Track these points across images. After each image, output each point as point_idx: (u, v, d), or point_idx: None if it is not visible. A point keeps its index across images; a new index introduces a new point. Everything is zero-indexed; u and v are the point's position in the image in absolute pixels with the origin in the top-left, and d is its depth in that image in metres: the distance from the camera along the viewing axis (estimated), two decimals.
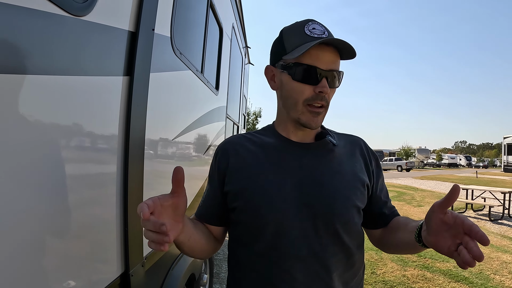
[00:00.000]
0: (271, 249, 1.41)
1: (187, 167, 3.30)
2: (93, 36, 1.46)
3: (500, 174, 43.37)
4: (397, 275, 6.94)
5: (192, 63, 3.07)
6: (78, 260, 1.49)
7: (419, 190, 23.98)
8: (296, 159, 1.47)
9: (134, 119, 1.84)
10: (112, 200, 1.73)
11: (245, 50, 8.55)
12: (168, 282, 2.59)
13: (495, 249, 9.07)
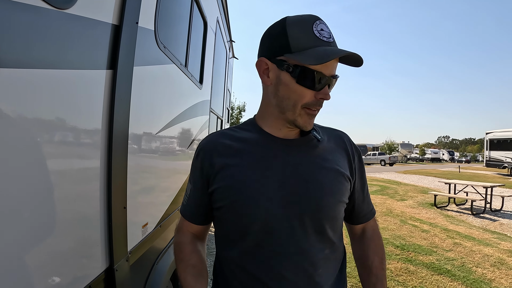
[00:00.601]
0: (258, 247, 1.41)
1: (170, 161, 3.30)
2: (76, 29, 1.44)
3: (482, 169, 43.91)
4: None
5: (176, 56, 3.05)
6: (63, 256, 1.48)
7: (402, 184, 24.32)
8: (280, 155, 1.46)
9: (117, 113, 1.83)
10: (96, 195, 1.71)
11: (230, 44, 8.54)
12: (153, 277, 2.59)
13: (477, 243, 9.22)
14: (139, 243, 2.32)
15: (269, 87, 1.47)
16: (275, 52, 1.39)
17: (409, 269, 7.00)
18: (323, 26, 1.35)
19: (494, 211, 14.80)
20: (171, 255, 3.08)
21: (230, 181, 1.43)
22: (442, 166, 59.78)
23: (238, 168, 1.44)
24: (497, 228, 11.96)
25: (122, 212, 1.97)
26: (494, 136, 37.80)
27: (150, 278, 2.54)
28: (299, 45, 1.32)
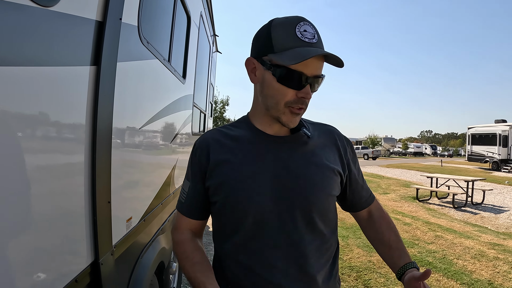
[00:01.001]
0: (252, 240, 1.49)
1: (154, 155, 3.31)
2: (60, 26, 1.45)
3: (464, 163, 44.45)
4: (363, 261, 7.13)
5: (159, 52, 3.06)
6: (48, 251, 1.50)
7: (384, 178, 24.60)
8: (272, 152, 1.54)
9: (101, 108, 1.84)
10: (80, 190, 1.73)
11: (213, 38, 8.53)
12: (138, 270, 2.61)
13: (458, 235, 9.42)
14: (124, 237, 2.34)
15: (257, 86, 1.54)
16: (261, 52, 1.47)
17: None
18: (307, 27, 1.40)
19: (475, 205, 15.08)
20: (155, 249, 3.12)
21: (224, 177, 1.51)
22: (425, 160, 60.34)
23: (231, 164, 1.51)
24: (478, 221, 12.18)
25: (107, 207, 1.99)
26: (476, 131, 38.40)
27: (135, 272, 2.56)
28: (281, 46, 1.39)
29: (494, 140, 35.41)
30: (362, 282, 6.10)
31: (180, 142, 4.61)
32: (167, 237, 3.72)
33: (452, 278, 6.36)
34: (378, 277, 6.29)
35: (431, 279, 6.27)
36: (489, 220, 12.45)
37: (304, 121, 1.68)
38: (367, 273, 6.49)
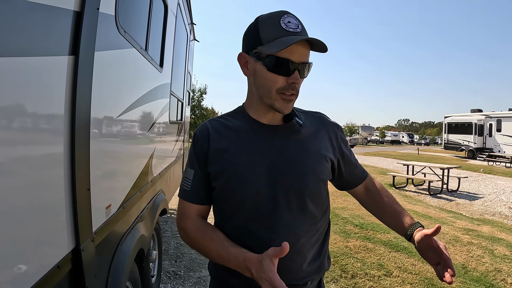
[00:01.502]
0: (249, 222, 1.60)
1: (132, 145, 3.33)
2: (38, 17, 1.48)
3: (441, 151, 45.03)
4: (340, 246, 7.24)
5: (136, 41, 3.07)
6: (30, 238, 1.54)
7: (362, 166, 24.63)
8: (267, 141, 1.64)
9: (79, 97, 1.87)
10: (60, 178, 1.76)
11: (191, 27, 8.49)
12: (118, 257, 2.65)
13: (434, 221, 9.64)
14: (103, 224, 2.37)
15: (250, 78, 1.64)
16: (250, 46, 1.58)
17: (368, 247, 7.25)
18: (291, 19, 1.51)
19: (451, 192, 15.37)
20: (135, 236, 3.15)
21: (223, 165, 1.61)
22: (402, 148, 60.90)
23: (230, 152, 1.62)
24: (453, 208, 12.42)
25: (86, 194, 2.02)
26: (452, 120, 38.96)
27: (115, 259, 2.60)
28: (268, 37, 1.49)
29: (470, 129, 35.99)
30: (339, 267, 6.21)
31: (157, 131, 4.62)
32: (145, 225, 3.74)
33: (427, 263, 6.35)
34: (354, 262, 6.40)
35: (406, 263, 6.44)
36: (464, 207, 12.72)
37: (296, 110, 1.77)
38: (344, 258, 6.60)
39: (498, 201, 13.71)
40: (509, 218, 11.32)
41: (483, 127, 35.23)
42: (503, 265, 6.49)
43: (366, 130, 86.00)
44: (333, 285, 5.55)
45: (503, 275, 6.08)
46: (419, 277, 5.88)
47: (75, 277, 1.94)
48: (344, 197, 12.80)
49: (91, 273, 2.08)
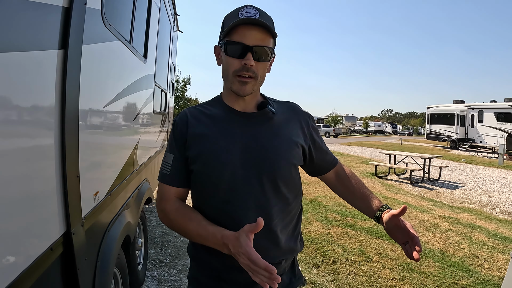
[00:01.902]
0: (225, 203, 1.69)
1: (118, 133, 3.42)
2: (30, 13, 1.57)
3: (424, 142, 45.31)
4: (322, 233, 7.38)
5: (121, 33, 3.14)
6: (25, 222, 1.63)
7: (345, 156, 24.92)
8: (242, 127, 1.74)
9: (69, 89, 1.96)
10: (51, 165, 1.86)
11: (174, 18, 8.51)
12: (106, 242, 2.75)
13: (414, 209, 9.81)
14: (92, 210, 2.47)
15: (221, 68, 1.75)
16: (220, 38, 1.74)
17: (349, 234, 7.40)
18: (249, 9, 1.63)
19: (432, 181, 15.61)
20: (121, 223, 3.25)
21: (201, 149, 1.70)
22: (385, 138, 61.26)
23: (207, 138, 1.71)
24: (434, 196, 12.63)
25: (76, 180, 2.12)
26: (435, 110, 39.31)
27: (103, 244, 2.70)
28: (228, 27, 1.60)
29: (452, 120, 36.39)
30: (320, 253, 6.34)
31: (142, 121, 4.69)
32: (131, 212, 3.84)
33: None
34: (336, 248, 6.55)
35: (386, 249, 6.61)
36: (444, 195, 12.95)
37: (269, 99, 1.90)
38: (325, 244, 6.74)
39: (478, 190, 13.95)
40: (488, 207, 11.56)
41: (465, 118, 35.66)
42: (480, 251, 6.66)
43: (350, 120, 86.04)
44: (315, 270, 5.68)
45: (480, 260, 6.25)
46: (399, 262, 6.04)
47: (67, 260, 2.04)
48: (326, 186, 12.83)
49: (81, 256, 2.18)
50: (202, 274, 1.85)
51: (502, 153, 22.28)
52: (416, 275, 5.59)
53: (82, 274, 2.19)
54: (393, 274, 5.61)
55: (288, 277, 1.94)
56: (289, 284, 1.93)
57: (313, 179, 14.30)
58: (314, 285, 5.16)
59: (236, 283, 1.76)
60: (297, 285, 1.98)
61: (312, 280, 5.30)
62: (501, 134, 31.45)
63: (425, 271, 5.76)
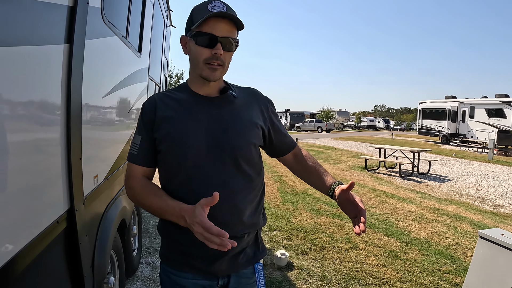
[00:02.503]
0: (190, 180, 1.83)
1: (115, 123, 3.64)
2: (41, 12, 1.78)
3: (415, 137, 45.36)
4: (311, 223, 7.59)
5: (118, 29, 3.34)
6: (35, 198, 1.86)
7: (336, 150, 25.01)
8: (205, 110, 1.88)
9: (73, 80, 2.18)
10: (58, 148, 2.08)
11: (167, 13, 8.67)
12: (105, 222, 2.98)
13: (402, 201, 10.01)
14: (92, 191, 2.69)
15: (188, 56, 1.91)
16: (187, 29, 1.88)
17: (337, 223, 7.63)
18: (217, 3, 1.78)
19: (421, 174, 15.82)
20: (118, 206, 3.48)
21: (168, 130, 1.84)
22: (377, 133, 61.31)
23: (174, 120, 1.85)
24: (423, 189, 12.89)
25: (79, 162, 2.35)
26: (426, 106, 39.34)
27: (102, 223, 2.93)
28: (197, 19, 1.76)
29: (444, 115, 36.50)
30: (309, 241, 6.57)
31: (136, 112, 4.88)
32: (127, 198, 4.03)
33: (392, 237, 6.92)
34: (323, 236, 6.79)
35: (372, 237, 6.85)
36: (433, 188, 13.22)
37: (231, 85, 2.06)
38: (314, 233, 6.97)
39: (467, 183, 14.16)
40: (475, 199, 11.82)
41: (456, 113, 35.76)
42: (464, 240, 6.87)
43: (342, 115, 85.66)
44: (303, 257, 5.91)
45: (463, 248, 6.45)
46: (384, 250, 6.27)
47: (70, 234, 2.26)
48: None
49: (82, 232, 2.40)
50: (171, 251, 2.00)
51: (492, 148, 22.51)
52: (400, 262, 5.80)
53: (83, 249, 2.40)
54: (378, 260, 5.83)
55: (252, 250, 2.08)
56: (253, 256, 2.07)
57: None
58: (302, 270, 5.38)
59: (203, 257, 1.91)
60: (260, 257, 2.13)
61: (300, 265, 5.53)
62: (492, 130, 31.55)
63: (409, 258, 5.97)
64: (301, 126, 64.55)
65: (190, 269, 1.95)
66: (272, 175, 13.36)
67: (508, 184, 14.00)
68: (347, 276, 5.28)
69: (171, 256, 1.99)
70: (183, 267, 1.96)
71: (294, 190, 10.93)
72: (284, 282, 4.99)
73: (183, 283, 1.97)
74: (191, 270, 1.95)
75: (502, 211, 10.71)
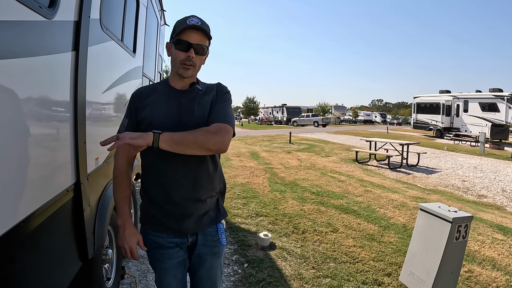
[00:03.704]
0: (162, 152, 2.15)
1: (113, 114, 4.17)
2: (56, 28, 2.30)
3: (410, 131, 45.12)
4: (296, 209, 8.04)
5: (115, 34, 3.83)
6: (50, 170, 2.37)
7: (329, 143, 25.16)
8: (177, 99, 2.37)
9: (79, 79, 2.69)
10: (67, 132, 2.60)
11: (161, 13, 9.12)
12: (104, 199, 3.50)
13: (386, 190, 10.41)
14: (94, 170, 3.21)
15: (170, 58, 2.39)
16: (171, 37, 2.36)
17: (320, 210, 8.10)
18: (194, 18, 2.27)
19: (410, 166, 16.17)
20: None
21: (148, 113, 2.32)
22: (374, 127, 60.87)
23: (152, 106, 2.34)
24: (410, 180, 13.26)
25: (83, 145, 2.87)
26: (421, 100, 39.43)
27: (102, 198, 3.45)
28: (178, 29, 2.26)
29: (438, 109, 36.63)
30: (292, 225, 7.06)
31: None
32: None
33: (371, 222, 7.39)
34: (306, 221, 7.26)
35: (353, 222, 7.32)
36: (420, 179, 13.62)
37: (201, 82, 2.51)
38: (297, 218, 7.44)
39: (454, 175, 14.53)
40: (460, 190, 12.22)
41: (450, 107, 35.88)
42: None
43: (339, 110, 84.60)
44: (285, 239, 6.39)
45: None
46: (362, 233, 6.74)
47: (76, 202, 2.77)
48: (306, 170, 13.54)
49: (86, 202, 2.90)
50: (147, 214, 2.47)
51: (483, 142, 22.80)
52: (376, 244, 6.27)
53: (86, 217, 2.90)
54: (355, 242, 6.30)
55: (215, 213, 2.55)
56: (215, 218, 2.54)
57: (294, 164, 14.98)
58: (283, 250, 5.86)
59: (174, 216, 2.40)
60: (221, 218, 2.60)
61: (282, 246, 6.01)
62: (485, 124, 31.73)
63: (385, 240, 6.43)
64: (298, 121, 64.63)
65: (164, 229, 2.43)
66: (264, 167, 13.79)
67: (495, 176, 14.33)
68: (324, 255, 5.73)
69: (148, 219, 2.47)
70: (158, 227, 2.44)
71: (283, 180, 11.37)
72: (266, 260, 5.46)
73: (159, 241, 2.45)
74: (165, 230, 2.43)
75: (485, 200, 11.14)
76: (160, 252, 2.47)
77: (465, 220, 3.62)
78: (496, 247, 6.37)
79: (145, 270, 5.16)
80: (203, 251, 2.53)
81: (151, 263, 2.56)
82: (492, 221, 8.08)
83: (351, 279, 4.98)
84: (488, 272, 5.39)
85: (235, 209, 7.99)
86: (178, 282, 2.54)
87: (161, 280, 2.52)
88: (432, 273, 3.66)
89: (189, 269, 2.62)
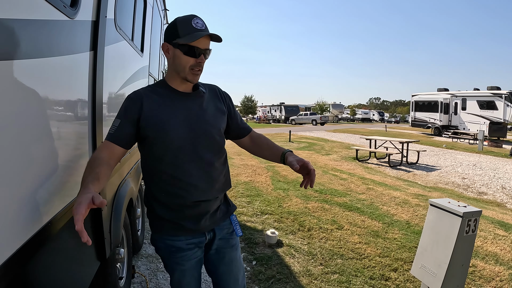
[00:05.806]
0: (175, 158, 2.29)
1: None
2: (77, 27, 2.32)
3: (408, 129, 45.20)
4: (300, 207, 8.05)
5: (126, 34, 3.86)
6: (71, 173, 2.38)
7: (329, 142, 25.23)
8: (183, 103, 2.36)
9: (97, 78, 2.72)
10: (86, 132, 2.62)
11: (164, 13, 9.16)
12: (118, 197, 3.53)
13: (388, 188, 10.46)
14: None
15: (170, 60, 2.33)
16: (171, 38, 2.26)
17: (325, 207, 8.11)
18: (199, 20, 2.22)
19: (410, 164, 16.25)
20: (127, 186, 4.02)
21: (154, 119, 2.25)
22: (372, 126, 61.01)
23: (158, 111, 2.28)
24: (410, 178, 13.32)
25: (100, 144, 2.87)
26: (419, 98, 39.48)
27: (116, 197, 3.47)
28: (184, 32, 2.19)
29: (436, 107, 36.70)
30: (298, 222, 7.08)
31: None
32: (133, 181, 4.62)
33: (375, 220, 7.42)
34: (311, 219, 7.29)
35: (357, 219, 7.36)
36: (420, 177, 13.69)
37: (201, 83, 2.50)
38: (302, 216, 7.46)
39: (454, 172, 14.61)
40: (460, 187, 12.30)
41: (448, 105, 36.05)
42: None
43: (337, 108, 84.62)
44: (292, 236, 6.42)
45: None
46: (367, 230, 6.77)
47: None
48: None
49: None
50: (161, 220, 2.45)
51: (482, 139, 22.86)
52: (381, 240, 6.30)
53: (104, 216, 2.92)
54: (360, 239, 6.33)
55: (226, 207, 2.64)
56: (227, 211, 2.63)
57: None
58: (290, 247, 5.90)
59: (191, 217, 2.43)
60: (232, 210, 2.68)
61: (289, 243, 6.04)
62: (483, 122, 31.85)
63: (389, 237, 6.46)
64: (296, 119, 64.65)
65: (182, 232, 2.44)
66: (265, 165, 13.77)
67: (494, 173, 14.42)
68: (331, 252, 5.76)
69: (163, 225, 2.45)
70: (176, 232, 2.44)
71: (285, 178, 11.36)
72: (274, 257, 5.49)
73: (177, 244, 2.45)
74: (183, 233, 2.44)
75: (485, 197, 11.23)
76: (179, 255, 2.47)
77: (474, 215, 3.67)
78: (498, 243, 6.44)
79: (155, 269, 5.19)
80: (220, 245, 2.59)
81: (169, 267, 2.56)
82: (493, 218, 8.15)
83: (358, 274, 5.02)
84: (491, 266, 5.45)
85: (240, 207, 7.99)
86: (196, 281, 2.59)
87: (180, 282, 2.55)
88: (443, 265, 3.70)
89: (208, 269, 2.66)
